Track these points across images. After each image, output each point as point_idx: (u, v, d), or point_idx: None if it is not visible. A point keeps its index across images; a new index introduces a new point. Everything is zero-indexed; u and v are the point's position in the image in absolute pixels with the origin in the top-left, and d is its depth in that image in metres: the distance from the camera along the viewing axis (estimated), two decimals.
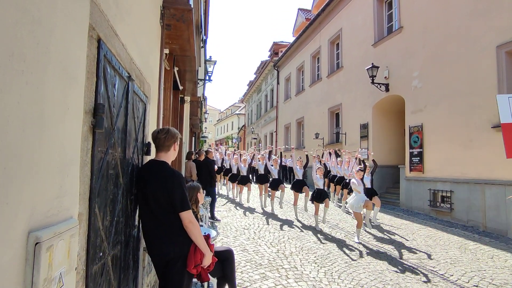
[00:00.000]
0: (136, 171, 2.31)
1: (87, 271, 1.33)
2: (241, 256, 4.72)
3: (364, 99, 11.39)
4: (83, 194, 1.30)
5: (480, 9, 7.06)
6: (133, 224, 2.27)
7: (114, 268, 1.77)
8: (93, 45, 1.36)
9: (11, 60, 0.79)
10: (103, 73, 1.48)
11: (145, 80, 2.60)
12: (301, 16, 20.13)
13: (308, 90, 16.72)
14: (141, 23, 2.44)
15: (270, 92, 23.97)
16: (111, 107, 1.66)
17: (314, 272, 4.21)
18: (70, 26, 1.13)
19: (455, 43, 7.73)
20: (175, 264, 2.10)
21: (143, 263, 2.68)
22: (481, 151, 6.93)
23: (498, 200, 6.51)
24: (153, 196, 2.12)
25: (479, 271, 4.46)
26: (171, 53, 4.87)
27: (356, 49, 12.11)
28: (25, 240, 0.88)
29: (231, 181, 10.44)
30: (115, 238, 1.80)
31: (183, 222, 2.11)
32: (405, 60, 9.46)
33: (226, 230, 6.21)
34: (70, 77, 1.15)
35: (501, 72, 6.58)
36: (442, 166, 8.10)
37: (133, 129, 2.24)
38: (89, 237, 1.35)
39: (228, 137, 42.79)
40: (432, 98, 8.41)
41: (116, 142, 1.78)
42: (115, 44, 1.71)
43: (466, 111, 7.35)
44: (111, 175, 1.71)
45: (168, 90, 5.00)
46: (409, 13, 9.39)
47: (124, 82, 1.93)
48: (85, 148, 1.31)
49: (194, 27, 4.31)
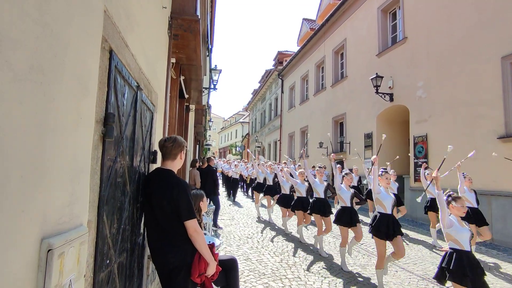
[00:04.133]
0: (143, 179, 2.33)
1: (94, 278, 1.34)
2: (244, 265, 4.69)
3: (368, 109, 11.39)
4: (92, 202, 1.32)
5: (484, 20, 7.10)
6: (138, 232, 2.28)
7: (120, 276, 1.78)
8: (105, 56, 1.40)
9: (31, 72, 0.82)
10: (113, 83, 1.52)
11: (152, 89, 2.65)
12: (306, 26, 20.32)
13: (312, 99, 16.77)
14: (150, 34, 2.50)
15: (274, 100, 24.06)
16: (120, 116, 1.69)
17: (318, 283, 4.17)
18: (84, 38, 1.17)
19: (459, 53, 7.75)
20: (179, 273, 2.11)
21: (147, 271, 2.68)
22: (487, 162, 6.87)
23: (506, 211, 6.43)
24: (158, 204, 2.13)
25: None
26: (178, 62, 4.94)
27: (360, 59, 12.17)
28: (38, 247, 0.90)
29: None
30: (122, 246, 1.81)
31: (188, 231, 2.11)
32: (410, 70, 9.48)
33: (229, 239, 6.19)
34: (83, 87, 1.19)
35: (507, 82, 6.57)
36: (447, 176, 8.02)
37: (140, 137, 2.27)
38: (97, 245, 1.37)
39: (232, 145, 42.85)
40: (437, 108, 8.40)
41: (124, 151, 1.81)
42: (125, 55, 1.75)
43: (471, 122, 7.33)
44: (119, 183, 1.73)
45: (174, 99, 5.06)
46: (413, 23, 9.46)
47: (133, 92, 1.97)
48: (95, 157, 1.34)
49: (200, 37, 4.38)
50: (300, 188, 6.38)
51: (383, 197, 4.20)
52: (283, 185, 7.18)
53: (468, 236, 3.03)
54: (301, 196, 6.32)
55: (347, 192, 4.95)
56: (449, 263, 3.00)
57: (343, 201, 4.96)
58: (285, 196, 7.10)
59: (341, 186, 5.01)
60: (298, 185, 6.41)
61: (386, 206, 4.16)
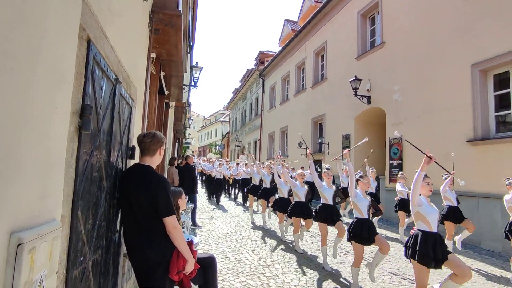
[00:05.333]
0: (120, 175, 2.28)
1: (67, 276, 1.29)
2: (223, 264, 4.68)
3: (347, 111, 11.64)
4: (66, 196, 1.27)
5: (458, 28, 7.43)
6: (114, 228, 2.22)
7: (94, 274, 1.72)
8: (83, 46, 1.36)
9: (3, 58, 0.78)
10: (91, 74, 1.47)
11: (132, 83, 2.59)
12: (288, 27, 20.50)
13: (292, 99, 16.93)
14: (130, 26, 2.44)
15: (255, 100, 24.11)
16: (97, 109, 1.64)
17: (296, 281, 4.22)
18: (61, 26, 1.13)
19: (434, 60, 8.07)
20: (157, 270, 2.07)
21: (123, 269, 2.62)
22: (457, 164, 7.20)
23: (473, 212, 6.75)
24: (136, 200, 2.09)
25: None
26: (158, 57, 4.85)
27: (340, 61, 12.41)
28: (7, 241, 0.86)
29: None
30: (97, 243, 1.76)
31: (166, 228, 2.08)
32: (387, 74, 9.78)
33: (208, 238, 6.14)
34: (59, 77, 1.14)
35: (475, 89, 6.91)
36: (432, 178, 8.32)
37: (118, 132, 2.22)
38: (70, 240, 1.32)
39: (212, 144, 42.55)
40: (412, 111, 8.70)
41: (101, 145, 1.76)
42: (104, 46, 1.70)
43: (444, 126, 7.65)
44: (95, 178, 1.68)
45: (154, 95, 4.96)
46: (391, 29, 9.75)
47: (111, 84, 1.92)
48: (70, 149, 1.29)
49: (182, 33, 4.32)
50: (299, 191, 5.70)
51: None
52: (280, 187, 6.55)
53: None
54: (300, 200, 5.67)
55: (364, 200, 4.12)
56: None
57: (359, 211, 4.11)
58: (283, 200, 6.46)
59: (357, 192, 4.16)
60: (297, 188, 5.73)
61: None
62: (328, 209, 4.95)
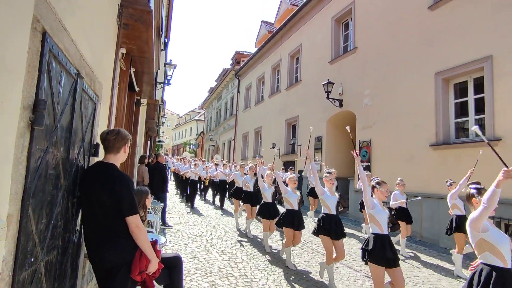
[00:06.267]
0: (81, 173, 2.20)
1: (13, 278, 1.23)
2: (191, 263, 4.63)
3: (319, 113, 11.89)
4: (14, 194, 1.21)
5: (425, 39, 7.80)
6: (73, 228, 2.14)
7: (47, 276, 1.65)
8: (36, 38, 1.30)
9: None
10: (47, 68, 1.41)
11: (96, 78, 2.50)
12: (264, 28, 20.61)
13: (267, 100, 17.05)
14: (95, 20, 2.35)
15: (230, 100, 24.05)
16: (54, 104, 1.58)
17: (263, 280, 4.26)
18: (11, 15, 1.07)
19: (402, 67, 8.44)
20: (119, 271, 2.02)
21: (83, 271, 2.53)
22: (420, 167, 7.57)
23: (433, 212, 7.13)
24: (98, 199, 2.03)
25: (414, 277, 4.83)
26: (128, 53, 4.71)
27: (314, 64, 12.66)
28: None
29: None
30: (51, 243, 1.69)
31: (129, 227, 2.04)
32: (358, 78, 10.09)
33: (177, 237, 6.05)
34: (7, 69, 1.09)
35: (438, 96, 7.30)
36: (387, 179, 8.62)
37: (79, 128, 2.14)
38: (19, 241, 1.26)
39: (186, 143, 41.90)
40: (381, 116, 9.04)
41: (58, 141, 1.69)
42: (63, 39, 1.63)
43: (409, 130, 8.01)
44: (50, 176, 1.61)
45: (123, 91, 4.81)
46: (364, 35, 10.08)
47: (71, 79, 1.85)
48: (20, 145, 1.23)
49: (153, 29, 4.23)
50: (290, 198, 5.00)
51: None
52: (263, 191, 5.93)
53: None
54: (292, 209, 4.97)
55: (384, 213, 3.35)
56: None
57: (377, 224, 3.31)
58: (267, 205, 5.81)
59: (374, 203, 3.41)
60: (289, 195, 5.03)
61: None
62: (332, 220, 4.27)
